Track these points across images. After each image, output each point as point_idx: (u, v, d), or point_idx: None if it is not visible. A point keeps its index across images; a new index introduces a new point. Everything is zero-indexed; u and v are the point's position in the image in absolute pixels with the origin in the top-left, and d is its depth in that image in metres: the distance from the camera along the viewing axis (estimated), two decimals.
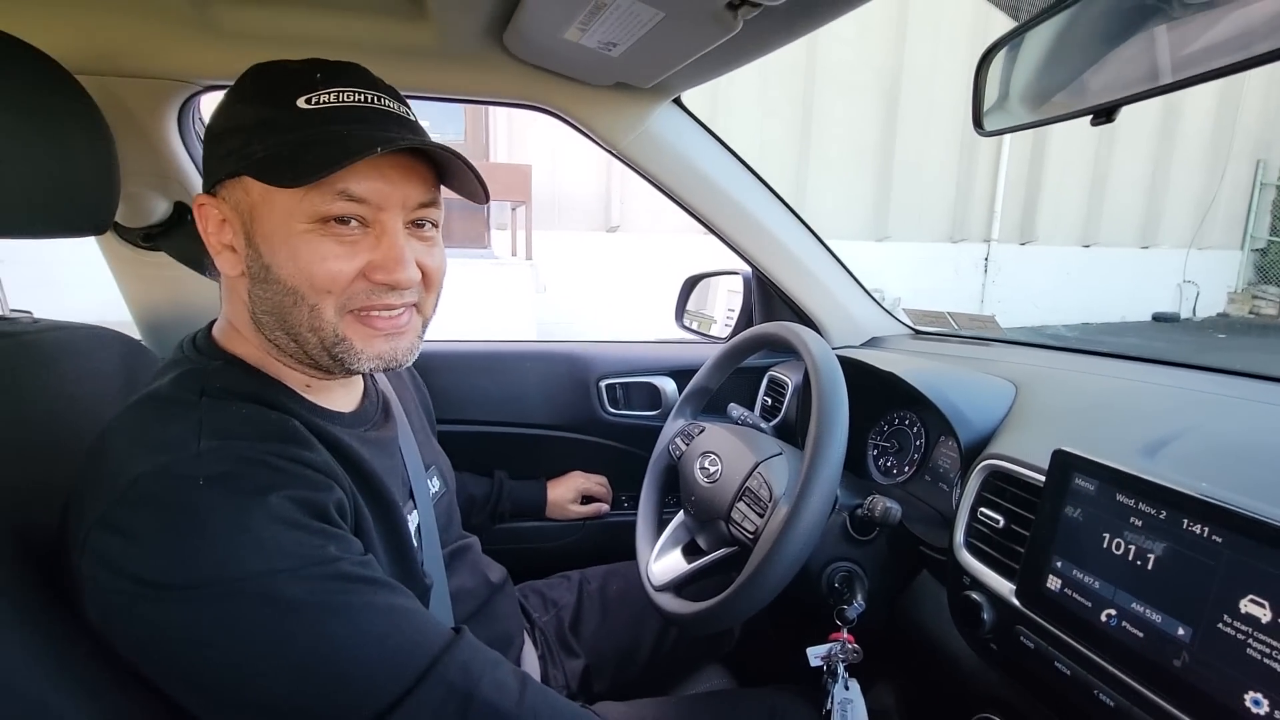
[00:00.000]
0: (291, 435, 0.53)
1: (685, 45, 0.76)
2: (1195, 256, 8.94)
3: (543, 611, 1.01)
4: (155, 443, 0.47)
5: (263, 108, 0.53)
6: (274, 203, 0.52)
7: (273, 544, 0.45)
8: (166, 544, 0.43)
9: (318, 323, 0.54)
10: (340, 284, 0.54)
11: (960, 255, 7.82)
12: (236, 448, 0.48)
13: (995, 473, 0.71)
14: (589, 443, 1.31)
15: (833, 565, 0.82)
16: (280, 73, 0.55)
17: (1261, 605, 0.46)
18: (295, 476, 0.49)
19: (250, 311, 0.56)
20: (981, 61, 0.66)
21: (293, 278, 0.53)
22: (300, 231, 0.52)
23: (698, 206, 1.09)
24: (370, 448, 0.62)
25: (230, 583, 0.43)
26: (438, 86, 0.95)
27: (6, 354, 0.60)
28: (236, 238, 0.55)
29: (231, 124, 0.54)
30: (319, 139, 0.51)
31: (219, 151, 0.54)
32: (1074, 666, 0.58)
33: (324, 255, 0.53)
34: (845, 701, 0.76)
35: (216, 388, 0.53)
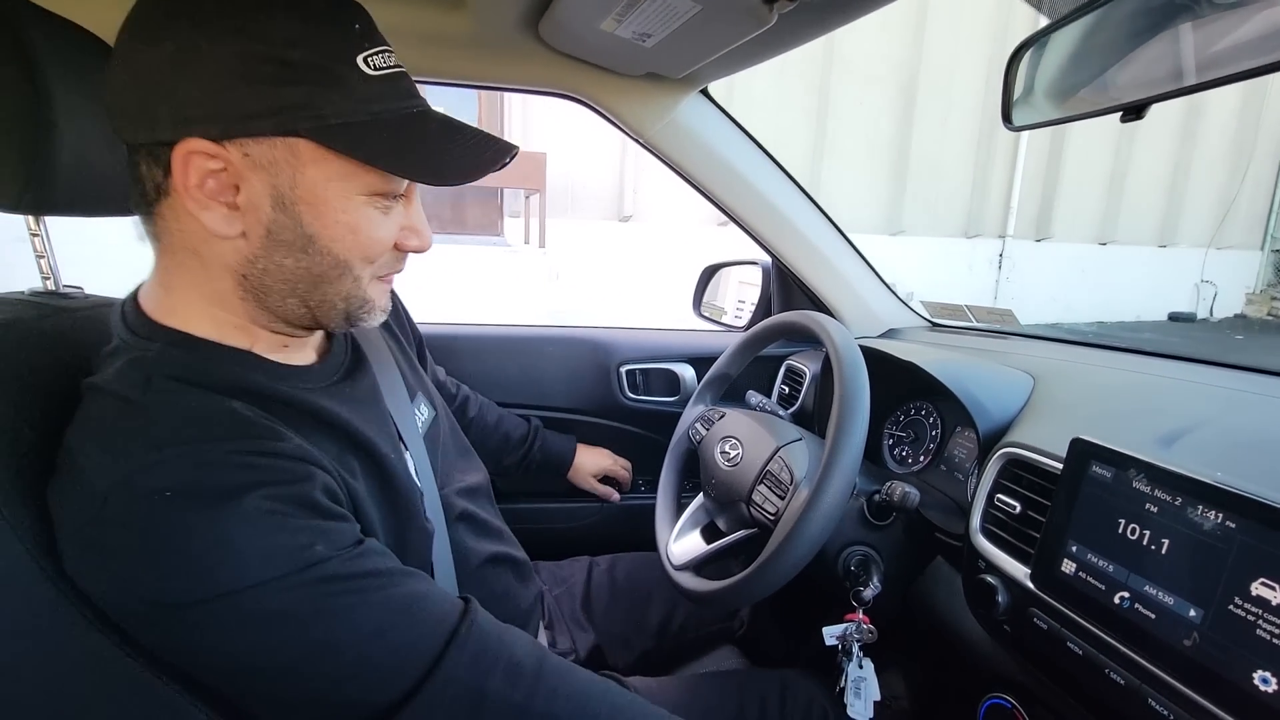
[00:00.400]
0: (249, 428, 0.47)
1: (719, 38, 0.77)
2: (1214, 256, 8.85)
3: (554, 585, 1.03)
4: (112, 449, 0.44)
5: (318, 57, 0.46)
6: (332, 171, 0.48)
7: (254, 553, 0.42)
8: (146, 566, 0.41)
9: (356, 290, 0.53)
10: (382, 254, 0.54)
11: (974, 251, 7.78)
12: (195, 451, 0.44)
13: (1013, 460, 0.73)
14: (608, 427, 1.34)
15: (849, 549, 0.84)
16: (317, 10, 0.46)
17: (1272, 588, 0.48)
18: (266, 470, 0.45)
19: (242, 277, 0.50)
20: (1012, 58, 0.67)
21: (347, 250, 0.51)
22: (360, 204, 0.50)
23: (721, 196, 1.11)
24: (348, 403, 0.58)
25: (216, 600, 0.41)
26: (471, 74, 0.97)
27: (69, 327, 0.63)
28: (252, 197, 0.47)
29: (257, 66, 0.44)
30: (416, 124, 0.50)
31: (240, 101, 0.44)
32: (1086, 647, 0.60)
33: (376, 227, 0.51)
34: (859, 679, 0.78)
35: (162, 377, 0.48)
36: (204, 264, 0.50)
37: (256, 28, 0.44)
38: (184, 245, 0.50)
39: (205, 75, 0.44)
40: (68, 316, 0.64)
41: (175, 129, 0.45)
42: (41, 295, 0.68)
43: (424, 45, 0.91)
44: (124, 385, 0.48)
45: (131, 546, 0.42)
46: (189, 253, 0.50)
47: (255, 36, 0.44)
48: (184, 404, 0.47)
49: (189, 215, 0.47)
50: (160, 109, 0.45)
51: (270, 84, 0.44)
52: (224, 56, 0.44)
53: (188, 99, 0.44)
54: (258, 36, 0.44)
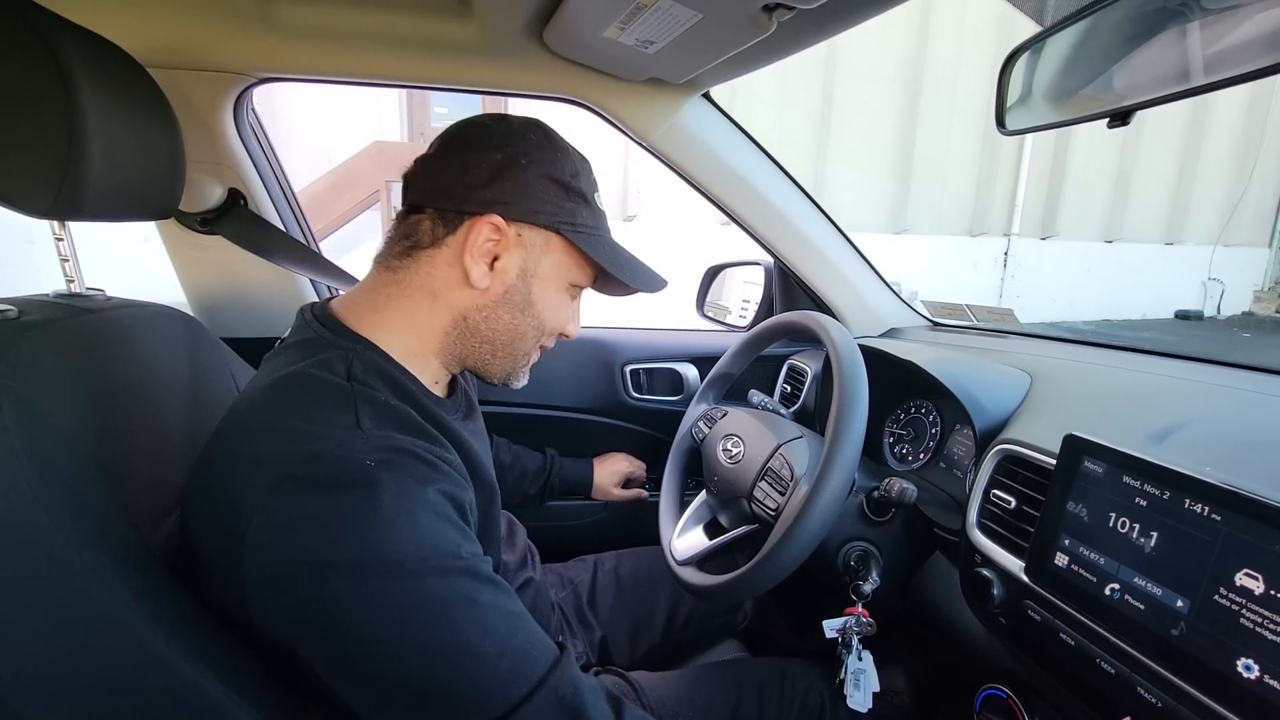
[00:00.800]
0: (430, 434, 0.57)
1: (719, 44, 0.79)
2: (1221, 254, 8.75)
3: (560, 588, 1.06)
4: (322, 419, 0.50)
5: (584, 189, 0.66)
6: (561, 261, 0.66)
7: (428, 534, 0.48)
8: (341, 521, 0.46)
9: (531, 351, 0.69)
10: (557, 331, 0.70)
11: (979, 249, 7.74)
12: (393, 438, 0.51)
13: (1008, 457, 0.75)
14: (613, 426, 1.36)
15: (849, 544, 0.86)
16: (581, 159, 0.67)
17: (1255, 578, 0.50)
18: (444, 473, 0.53)
19: (464, 319, 0.64)
20: (1006, 62, 0.69)
21: (548, 320, 0.67)
22: (564, 288, 0.68)
23: (722, 198, 1.13)
24: (473, 438, 0.67)
25: (391, 565, 0.46)
26: (477, 81, 0.99)
27: (89, 328, 0.65)
28: (508, 264, 0.63)
29: (551, 186, 0.63)
30: (619, 246, 0.70)
31: (534, 202, 0.62)
32: (1078, 638, 0.62)
33: (564, 310, 0.70)
34: (858, 671, 0.80)
35: (361, 371, 0.57)
36: (434, 303, 0.63)
37: (558, 164, 0.64)
38: (424, 285, 0.63)
39: (516, 181, 0.61)
40: (93, 317, 0.66)
41: (482, 206, 0.61)
42: (65, 297, 0.71)
43: (432, 52, 0.94)
44: (326, 372, 0.55)
45: (333, 501, 0.46)
46: (425, 292, 0.63)
47: (555, 168, 0.63)
48: (380, 399, 0.55)
49: (448, 266, 0.62)
50: (475, 192, 0.61)
51: (557, 197, 0.63)
52: (532, 174, 0.62)
53: (500, 191, 0.61)
54: (557, 166, 0.64)
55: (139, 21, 0.83)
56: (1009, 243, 7.85)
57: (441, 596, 0.47)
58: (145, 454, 0.61)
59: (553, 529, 1.30)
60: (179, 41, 0.86)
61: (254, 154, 1.04)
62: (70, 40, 0.57)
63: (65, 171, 0.58)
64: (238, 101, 0.96)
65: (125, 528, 0.54)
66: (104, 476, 0.55)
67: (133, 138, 0.66)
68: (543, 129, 0.65)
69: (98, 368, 0.63)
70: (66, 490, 0.50)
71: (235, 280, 1.10)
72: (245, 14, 0.84)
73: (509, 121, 0.64)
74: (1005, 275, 7.91)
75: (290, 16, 0.85)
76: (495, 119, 0.65)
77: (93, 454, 0.55)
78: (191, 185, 0.98)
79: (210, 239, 1.04)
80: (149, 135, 0.68)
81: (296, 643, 0.48)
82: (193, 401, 0.73)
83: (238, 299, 1.12)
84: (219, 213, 1.02)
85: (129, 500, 0.56)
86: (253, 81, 0.95)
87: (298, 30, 0.87)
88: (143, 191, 0.69)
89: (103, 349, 0.65)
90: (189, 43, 0.87)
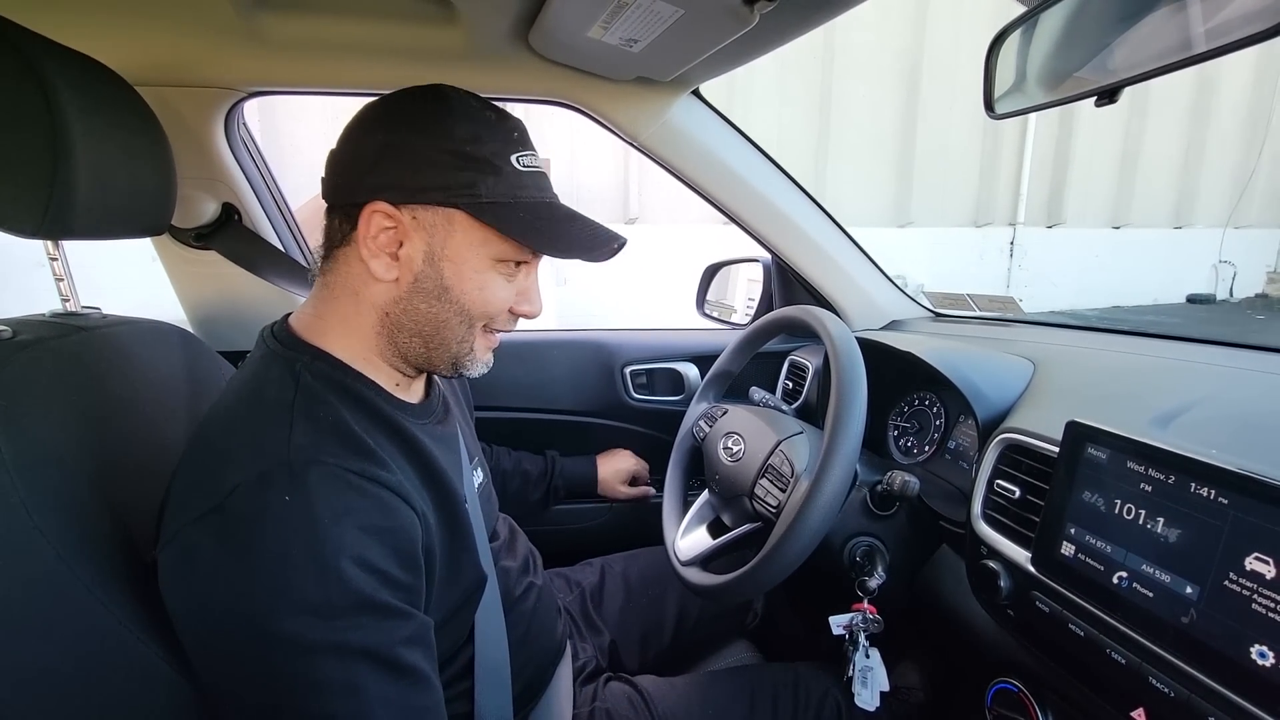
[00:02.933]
0: (368, 450, 0.55)
1: (703, 39, 0.79)
2: (1232, 236, 8.59)
3: (566, 593, 1.05)
4: (250, 447, 0.51)
5: (485, 154, 0.58)
6: (473, 237, 0.59)
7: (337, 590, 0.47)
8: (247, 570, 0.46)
9: (465, 336, 0.63)
10: (500, 312, 0.64)
11: (985, 240, 7.67)
12: (323, 463, 0.50)
13: (1011, 446, 0.74)
14: (615, 428, 1.35)
15: (854, 539, 0.85)
16: (488, 120, 0.60)
17: (1266, 562, 0.49)
18: (373, 500, 0.52)
19: (385, 315, 0.60)
20: (992, 46, 0.68)
21: (472, 304, 0.61)
22: (487, 266, 0.61)
23: (718, 196, 1.12)
24: (439, 444, 0.65)
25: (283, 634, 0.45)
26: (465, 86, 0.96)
27: (84, 346, 0.65)
28: (411, 251, 0.59)
29: (440, 156, 0.57)
30: (545, 210, 0.62)
31: (422, 177, 0.57)
32: (1087, 628, 0.60)
33: (498, 290, 0.62)
34: (866, 669, 0.79)
35: (309, 382, 0.56)
36: (358, 302, 0.61)
37: (446, 129, 0.58)
38: (346, 285, 0.61)
39: (401, 159, 0.57)
40: (87, 335, 0.67)
41: (369, 194, 0.57)
42: (61, 316, 0.71)
43: (420, 60, 0.94)
44: (273, 387, 0.56)
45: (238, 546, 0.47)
46: (349, 292, 0.61)
47: (444, 135, 0.57)
48: (324, 415, 0.55)
49: (359, 261, 0.59)
50: (363, 180, 0.58)
51: (447, 169, 0.57)
52: (417, 147, 0.57)
53: (384, 174, 0.57)
54: (446, 135, 0.57)
55: (126, 41, 0.84)
56: (1015, 232, 7.77)
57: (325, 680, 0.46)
58: (141, 468, 0.61)
59: (557, 532, 1.29)
60: (167, 59, 0.87)
61: (247, 168, 1.05)
62: (54, 60, 0.58)
63: (52, 191, 0.58)
64: (229, 116, 0.97)
65: (119, 542, 0.54)
66: (97, 492, 0.56)
67: (121, 155, 0.66)
68: (440, 96, 0.60)
69: (92, 384, 0.64)
70: (58, 506, 0.50)
71: (232, 294, 1.11)
72: (231, 30, 0.84)
73: (402, 96, 0.60)
74: (1012, 265, 7.83)
75: (276, 30, 0.86)
76: (390, 97, 0.60)
77: (86, 470, 0.56)
78: (185, 201, 0.98)
79: (206, 254, 1.05)
80: (138, 152, 0.68)
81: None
82: (189, 415, 0.73)
83: (235, 313, 1.12)
84: (213, 228, 1.02)
85: (124, 514, 0.56)
86: (242, 96, 0.95)
87: (284, 43, 0.87)
88: (133, 209, 0.69)
89: (97, 366, 0.65)
90: (177, 60, 0.87)
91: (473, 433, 0.88)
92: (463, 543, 0.64)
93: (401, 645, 0.50)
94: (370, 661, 0.48)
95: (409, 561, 0.53)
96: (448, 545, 0.62)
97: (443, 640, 0.63)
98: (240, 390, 0.58)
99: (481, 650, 0.68)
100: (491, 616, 0.70)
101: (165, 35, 0.85)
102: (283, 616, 0.45)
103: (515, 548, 0.86)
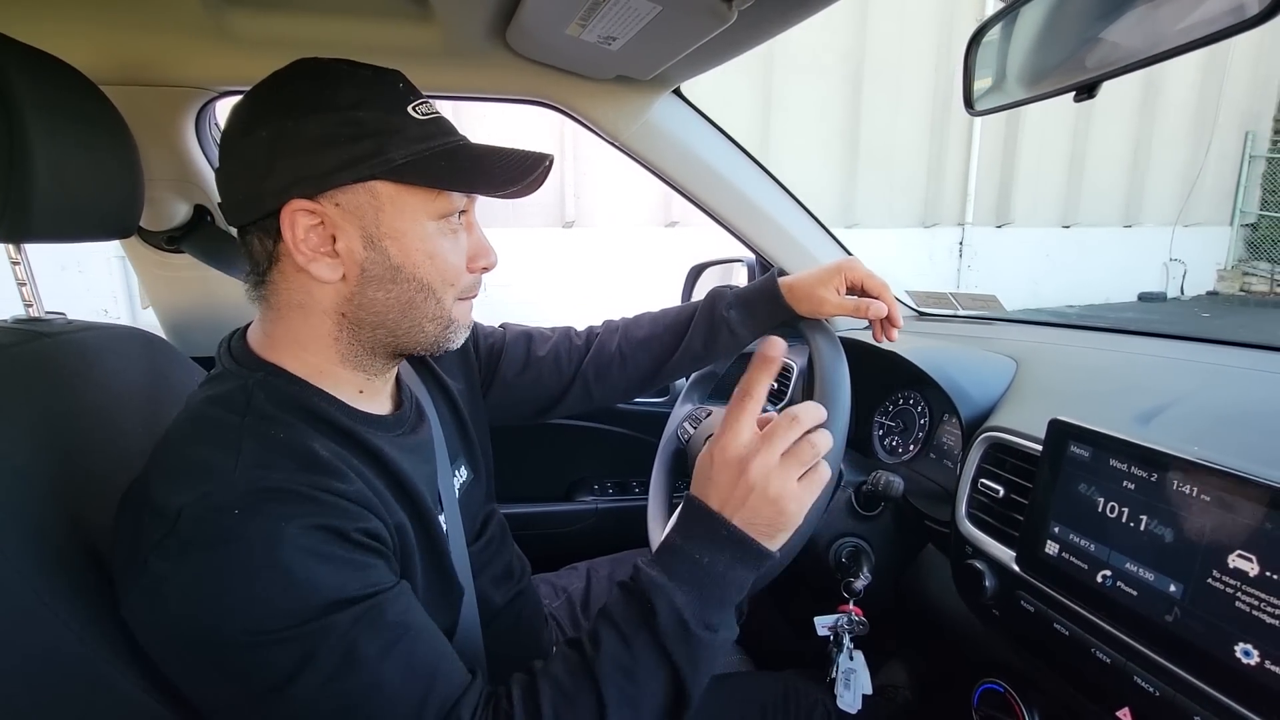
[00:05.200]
0: (325, 467, 0.52)
1: (682, 37, 0.78)
2: (1182, 234, 8.51)
3: (553, 599, 1.03)
4: (197, 470, 0.49)
5: (379, 113, 0.53)
6: (405, 204, 0.55)
7: (305, 583, 0.45)
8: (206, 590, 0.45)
9: (441, 312, 0.59)
10: (460, 275, 0.60)
11: (934, 240, 7.53)
12: (269, 479, 0.48)
13: (995, 444, 0.73)
14: (600, 430, 1.34)
15: (840, 540, 0.84)
16: (368, 79, 0.55)
17: (1249, 559, 0.48)
18: (328, 506, 0.49)
19: (341, 316, 0.57)
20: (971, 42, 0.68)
21: (429, 274, 0.57)
22: (429, 232, 0.56)
23: (700, 195, 1.11)
24: (408, 456, 0.62)
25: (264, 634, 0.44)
26: (443, 85, 0.98)
27: (45, 353, 0.63)
28: (348, 242, 0.54)
29: (333, 130, 0.52)
30: (464, 151, 0.56)
31: (325, 160, 0.52)
32: (1072, 627, 0.60)
33: (449, 254, 0.58)
34: (849, 671, 0.78)
35: (260, 401, 0.54)
36: (306, 314, 0.57)
37: (328, 100, 0.53)
38: (290, 302, 0.57)
39: (296, 148, 0.52)
40: (49, 342, 0.65)
41: (278, 197, 0.52)
42: (24, 322, 0.69)
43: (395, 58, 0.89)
44: (221, 407, 0.53)
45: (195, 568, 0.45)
46: (294, 307, 0.57)
47: (329, 107, 0.52)
48: (273, 434, 0.52)
49: (297, 272, 0.55)
50: (264, 185, 0.53)
51: (347, 142, 0.52)
52: (307, 130, 0.52)
53: (285, 171, 0.52)
54: (331, 106, 0.52)
55: (90, 39, 0.82)
56: (964, 232, 7.64)
57: (323, 662, 0.45)
58: (104, 479, 0.59)
59: (542, 537, 1.28)
60: (133, 57, 0.84)
61: None
62: (11, 56, 0.56)
63: (8, 192, 0.56)
64: (199, 116, 0.94)
65: (79, 555, 0.53)
66: (58, 502, 0.54)
67: (84, 155, 0.64)
68: (304, 71, 0.54)
69: (54, 392, 0.62)
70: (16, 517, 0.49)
71: (207, 299, 1.08)
72: (200, 27, 0.82)
73: (266, 85, 0.54)
74: (961, 265, 7.72)
75: (246, 28, 0.84)
76: (254, 90, 0.55)
77: (46, 480, 0.54)
78: (155, 203, 0.96)
79: (179, 257, 1.02)
80: (102, 152, 0.67)
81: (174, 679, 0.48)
82: (156, 424, 0.71)
83: (210, 317, 1.10)
84: (185, 230, 1.00)
85: (85, 525, 0.55)
86: (213, 96, 0.93)
87: (255, 41, 0.86)
88: (99, 210, 0.68)
89: (59, 373, 0.63)
90: (144, 58, 0.85)
91: (463, 429, 0.80)
92: (438, 553, 0.62)
93: (387, 606, 0.49)
94: (359, 627, 0.47)
95: (374, 549, 0.51)
96: (425, 556, 0.60)
97: None
98: (193, 409, 0.55)
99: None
100: (469, 627, 0.68)
101: (131, 33, 0.83)
102: (261, 626, 0.44)
103: (503, 551, 0.83)
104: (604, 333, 0.92)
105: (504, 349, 0.88)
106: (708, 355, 0.88)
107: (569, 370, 0.89)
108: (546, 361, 0.89)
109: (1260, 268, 8.12)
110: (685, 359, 0.88)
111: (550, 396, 0.90)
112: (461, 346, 0.84)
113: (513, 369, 0.88)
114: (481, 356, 0.87)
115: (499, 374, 0.88)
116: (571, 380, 0.89)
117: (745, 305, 0.86)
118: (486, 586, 0.75)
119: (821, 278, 0.82)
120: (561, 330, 0.93)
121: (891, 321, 0.83)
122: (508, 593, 0.79)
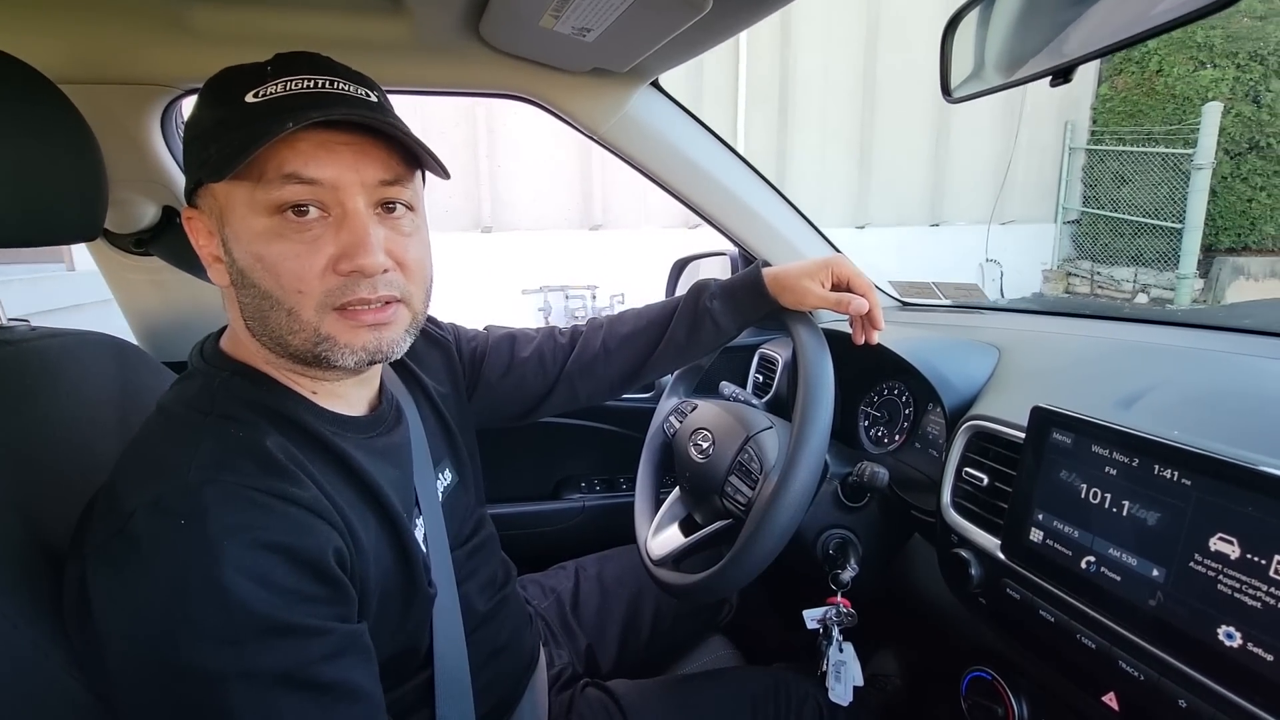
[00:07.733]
0: (282, 471, 0.50)
1: (658, 28, 0.77)
2: (1002, 232, 7.23)
3: (541, 599, 1.02)
4: (154, 468, 0.48)
5: (218, 109, 0.52)
6: (235, 202, 0.51)
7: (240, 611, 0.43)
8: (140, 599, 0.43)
9: (296, 325, 0.52)
10: (310, 282, 0.51)
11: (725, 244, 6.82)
12: (222, 482, 0.46)
13: (978, 433, 0.73)
14: (587, 427, 1.33)
15: (827, 532, 0.84)
16: (234, 72, 0.53)
17: (1230, 542, 0.48)
18: (278, 517, 0.47)
19: (243, 319, 0.55)
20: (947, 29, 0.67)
21: (264, 280, 0.51)
22: (261, 230, 0.50)
23: (680, 189, 1.10)
24: (376, 459, 0.60)
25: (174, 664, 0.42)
26: (416, 80, 0.96)
27: (7, 362, 0.62)
28: (215, 246, 0.54)
29: (194, 132, 0.54)
30: (264, 131, 0.48)
31: (191, 161, 0.54)
32: (1057, 613, 0.60)
33: (286, 254, 0.50)
34: (839, 663, 0.78)
35: (224, 400, 0.53)
36: (234, 308, 0.57)
37: (205, 100, 0.54)
38: (224, 292, 0.57)
39: (189, 154, 0.54)
40: (11, 350, 0.63)
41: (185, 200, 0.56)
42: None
43: (366, 53, 0.90)
44: (185, 407, 0.53)
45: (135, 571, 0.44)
46: (228, 299, 0.57)
47: (201, 106, 0.54)
48: (233, 434, 0.51)
49: None
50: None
51: (199, 147, 0.52)
52: (189, 134, 0.54)
53: (188, 176, 0.55)
54: (203, 104, 0.54)
55: (47, 35, 0.79)
56: None
57: (237, 709, 0.42)
58: (71, 486, 0.58)
59: (529, 536, 1.27)
60: (93, 54, 0.82)
61: None
62: None
63: None
64: (165, 114, 0.92)
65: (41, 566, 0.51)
66: (20, 514, 0.52)
67: (41, 156, 0.62)
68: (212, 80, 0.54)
69: (15, 402, 0.60)
70: None
71: (177, 302, 1.06)
72: (159, 22, 0.80)
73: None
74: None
75: (210, 23, 0.81)
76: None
77: (7, 492, 0.52)
78: (121, 205, 0.93)
79: (148, 260, 1.00)
80: (61, 153, 0.64)
81: None
82: (124, 432, 0.69)
83: (181, 321, 1.07)
84: (153, 232, 0.97)
85: (50, 534, 0.53)
86: (179, 93, 0.90)
87: (220, 37, 0.83)
88: (59, 213, 0.65)
89: (21, 382, 0.61)
90: (104, 55, 0.82)
91: (448, 431, 0.78)
92: (408, 558, 0.60)
93: (321, 662, 0.46)
94: (285, 685, 0.44)
95: (325, 576, 0.48)
96: (392, 561, 0.58)
97: (398, 661, 0.60)
98: (160, 411, 0.55)
99: (442, 669, 0.64)
100: (451, 634, 0.66)
101: (90, 29, 0.80)
102: (184, 645, 0.42)
103: (490, 558, 0.82)
104: (588, 330, 0.91)
105: (487, 352, 0.87)
106: (691, 347, 0.86)
107: (554, 370, 0.88)
108: (531, 362, 0.87)
109: (1082, 267, 7.23)
110: (669, 351, 0.87)
111: (536, 396, 0.89)
112: (445, 351, 0.84)
113: (496, 371, 0.87)
114: (465, 360, 0.86)
115: (483, 377, 0.86)
116: (556, 379, 0.88)
117: (729, 296, 0.85)
118: (471, 593, 0.73)
119: (807, 270, 0.81)
120: (545, 330, 0.92)
121: (873, 322, 0.82)
122: (491, 599, 0.78)
